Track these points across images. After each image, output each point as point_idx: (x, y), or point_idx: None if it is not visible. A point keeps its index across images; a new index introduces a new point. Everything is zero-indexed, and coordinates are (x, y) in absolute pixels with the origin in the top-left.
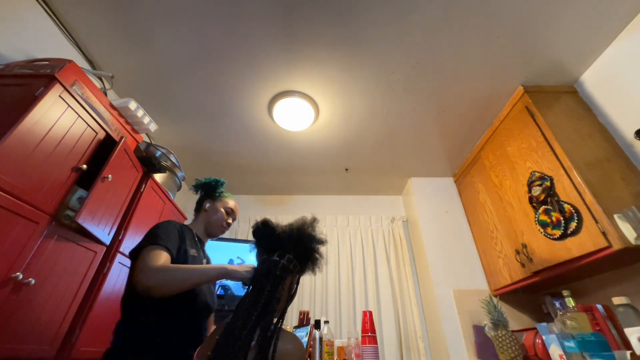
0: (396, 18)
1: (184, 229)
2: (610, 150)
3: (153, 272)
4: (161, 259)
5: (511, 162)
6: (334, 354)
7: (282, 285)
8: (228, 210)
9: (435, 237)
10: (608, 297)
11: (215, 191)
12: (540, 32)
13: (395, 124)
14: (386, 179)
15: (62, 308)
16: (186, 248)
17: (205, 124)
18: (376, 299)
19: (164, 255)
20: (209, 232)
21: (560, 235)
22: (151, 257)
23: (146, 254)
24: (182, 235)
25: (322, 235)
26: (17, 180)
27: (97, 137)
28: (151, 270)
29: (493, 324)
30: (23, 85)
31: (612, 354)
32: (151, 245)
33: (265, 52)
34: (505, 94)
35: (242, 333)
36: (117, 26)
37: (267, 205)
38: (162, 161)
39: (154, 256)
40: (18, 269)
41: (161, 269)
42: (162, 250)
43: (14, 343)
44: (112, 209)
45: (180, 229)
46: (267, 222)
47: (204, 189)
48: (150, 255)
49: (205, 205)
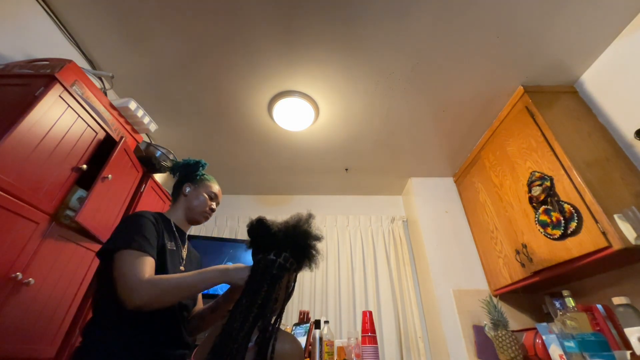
0: (396, 18)
1: (160, 220)
2: (610, 150)
3: (143, 289)
4: (146, 268)
5: (511, 162)
6: (334, 354)
7: (279, 284)
8: (211, 194)
9: (435, 237)
10: (608, 297)
11: (195, 173)
12: (540, 32)
13: (395, 124)
14: (386, 179)
15: (62, 308)
16: (164, 242)
17: (205, 123)
18: (376, 299)
19: (148, 262)
20: (190, 219)
21: (560, 235)
22: (136, 267)
23: (128, 263)
24: (158, 229)
25: (318, 231)
26: (17, 180)
27: (97, 137)
28: (141, 286)
29: (493, 324)
30: (23, 85)
31: (612, 354)
32: (130, 250)
33: (265, 52)
34: (505, 94)
35: (239, 334)
36: (117, 26)
37: (267, 205)
38: (162, 161)
39: (139, 266)
40: (18, 269)
41: (152, 283)
42: (144, 256)
43: (14, 343)
44: (112, 209)
45: (155, 221)
46: (262, 220)
47: (182, 171)
48: (135, 264)
49: (185, 189)
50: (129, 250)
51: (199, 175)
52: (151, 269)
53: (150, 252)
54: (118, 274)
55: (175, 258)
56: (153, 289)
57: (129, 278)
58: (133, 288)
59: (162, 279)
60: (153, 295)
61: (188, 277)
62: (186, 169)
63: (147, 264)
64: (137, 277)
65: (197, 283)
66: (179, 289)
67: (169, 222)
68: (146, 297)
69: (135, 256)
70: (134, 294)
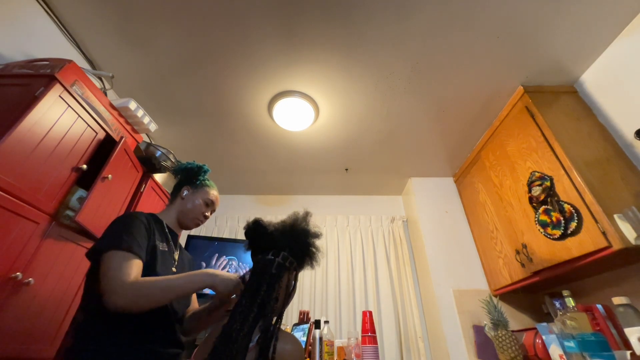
0: (396, 18)
1: (152, 221)
2: (610, 150)
3: (125, 291)
4: (132, 270)
5: (511, 162)
6: (334, 354)
7: (278, 284)
8: (208, 201)
9: (435, 237)
10: (608, 297)
11: (196, 178)
12: (540, 32)
13: (395, 124)
14: (386, 179)
15: (62, 308)
16: (155, 243)
17: (205, 123)
18: (376, 299)
19: (135, 264)
20: (182, 224)
21: (560, 235)
22: (121, 268)
23: (113, 264)
24: (149, 230)
25: (317, 228)
26: (17, 180)
27: (97, 137)
28: (123, 288)
29: (493, 324)
30: (23, 85)
31: (612, 354)
32: (116, 251)
33: (265, 52)
34: (505, 93)
35: (239, 335)
36: (117, 26)
37: (267, 205)
38: (162, 161)
39: (124, 268)
40: (18, 269)
41: (135, 286)
42: (131, 257)
43: (14, 343)
44: (112, 209)
45: (147, 222)
46: (258, 221)
47: (184, 174)
48: (120, 266)
49: (183, 192)
50: (117, 251)
51: (200, 180)
52: (137, 271)
53: (138, 254)
54: (103, 274)
55: (167, 259)
56: (135, 292)
57: (113, 280)
58: (114, 290)
59: (147, 282)
60: (134, 298)
61: (174, 280)
62: (188, 173)
63: (133, 266)
64: (121, 279)
65: (182, 286)
66: (164, 292)
67: (162, 224)
68: (128, 300)
69: (123, 257)
70: (115, 296)
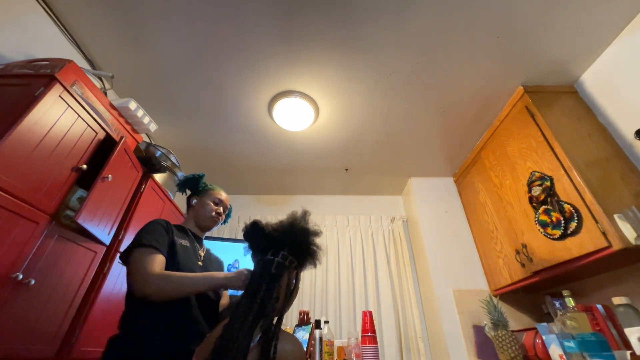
0: (396, 19)
1: (171, 225)
2: (610, 151)
3: (150, 280)
4: (156, 263)
5: (511, 162)
6: (334, 354)
7: (278, 283)
8: (215, 200)
9: (435, 237)
10: (608, 297)
11: (197, 186)
12: (540, 32)
13: (395, 124)
14: (386, 179)
15: (62, 308)
16: (174, 239)
17: (205, 123)
18: (376, 299)
19: (158, 258)
20: (201, 226)
21: (560, 235)
22: (146, 261)
23: (139, 258)
24: (167, 229)
25: (317, 226)
26: (17, 180)
27: (97, 137)
28: (148, 278)
29: (493, 324)
30: (23, 85)
31: (612, 354)
32: (141, 248)
33: (265, 52)
34: (505, 94)
35: (239, 335)
36: (117, 26)
37: (267, 205)
38: (162, 161)
39: (149, 261)
40: (18, 269)
41: (158, 276)
42: (153, 252)
43: (14, 343)
44: (112, 209)
45: (165, 224)
46: (256, 222)
47: (186, 187)
48: (145, 259)
49: (192, 201)
50: (141, 248)
51: (201, 186)
52: (160, 264)
53: (160, 250)
54: (131, 267)
55: (190, 252)
56: (159, 281)
57: (140, 270)
58: (142, 279)
59: (169, 274)
60: (160, 286)
61: (192, 277)
62: (188, 185)
63: (156, 260)
64: (146, 269)
65: (199, 283)
66: (183, 285)
67: (184, 228)
68: (154, 287)
69: (147, 253)
70: (142, 283)
